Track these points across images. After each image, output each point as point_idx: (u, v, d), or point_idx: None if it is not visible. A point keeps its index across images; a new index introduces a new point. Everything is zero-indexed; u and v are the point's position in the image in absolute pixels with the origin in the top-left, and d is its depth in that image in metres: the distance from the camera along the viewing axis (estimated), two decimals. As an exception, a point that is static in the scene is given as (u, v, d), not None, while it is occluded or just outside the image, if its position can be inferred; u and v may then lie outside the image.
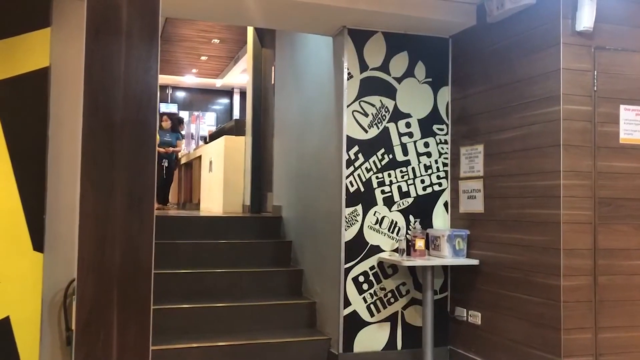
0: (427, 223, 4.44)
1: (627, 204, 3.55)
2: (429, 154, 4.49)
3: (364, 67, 4.37)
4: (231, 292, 4.84)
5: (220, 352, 4.15)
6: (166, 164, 8.72)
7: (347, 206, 4.28)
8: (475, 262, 4.15)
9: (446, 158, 4.54)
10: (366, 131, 4.35)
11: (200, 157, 9.15)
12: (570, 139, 3.46)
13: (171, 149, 8.79)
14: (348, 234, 4.28)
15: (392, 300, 4.37)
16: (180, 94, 14.86)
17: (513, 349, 3.77)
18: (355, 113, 4.33)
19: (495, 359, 3.93)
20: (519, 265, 3.75)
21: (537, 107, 3.64)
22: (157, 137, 8.45)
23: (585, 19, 3.44)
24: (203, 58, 11.73)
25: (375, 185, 4.35)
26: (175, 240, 5.15)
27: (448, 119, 4.55)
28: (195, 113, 14.80)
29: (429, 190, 4.48)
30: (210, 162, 8.25)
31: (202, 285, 4.80)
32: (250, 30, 7.68)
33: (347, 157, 4.29)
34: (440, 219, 4.49)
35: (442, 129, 4.54)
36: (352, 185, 4.30)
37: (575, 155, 3.47)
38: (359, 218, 4.30)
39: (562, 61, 3.47)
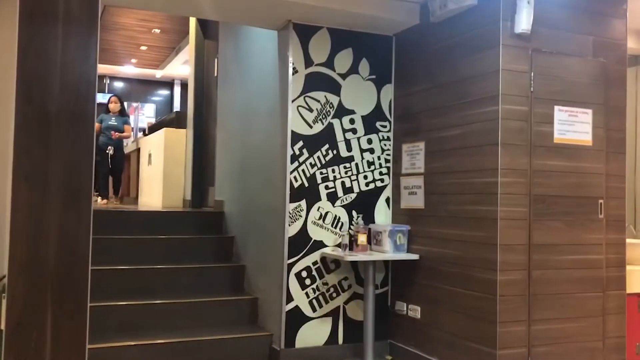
0: (369, 218, 4.49)
1: (560, 201, 3.70)
2: (372, 150, 4.53)
3: (309, 62, 4.36)
4: (170, 288, 4.73)
5: (159, 350, 4.06)
6: (112, 152, 7.72)
7: (291, 201, 4.26)
8: (415, 257, 4.22)
9: (388, 155, 4.60)
10: (311, 127, 4.35)
11: (139, 149, 8.90)
12: (507, 137, 3.58)
13: (117, 134, 7.78)
14: (292, 230, 4.27)
15: (334, 295, 4.39)
16: (119, 84, 14.41)
17: (451, 342, 3.87)
18: (300, 108, 4.32)
19: (434, 352, 4.02)
20: (458, 260, 3.84)
21: (477, 107, 3.74)
22: (101, 120, 7.76)
23: (524, 22, 3.56)
24: (143, 48, 11.40)
25: (319, 180, 4.35)
26: (112, 235, 4.98)
27: (391, 116, 4.61)
28: (134, 104, 14.38)
29: (372, 186, 4.53)
30: (150, 155, 8.04)
31: (141, 281, 4.68)
32: (192, 21, 7.52)
33: (292, 152, 4.28)
34: (382, 214, 4.55)
35: (385, 126, 4.59)
36: (297, 181, 4.29)
37: (512, 154, 3.58)
38: (303, 213, 4.30)
39: (502, 62, 3.58)
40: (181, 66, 12.20)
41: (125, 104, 11.87)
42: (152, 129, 9.05)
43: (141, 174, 8.60)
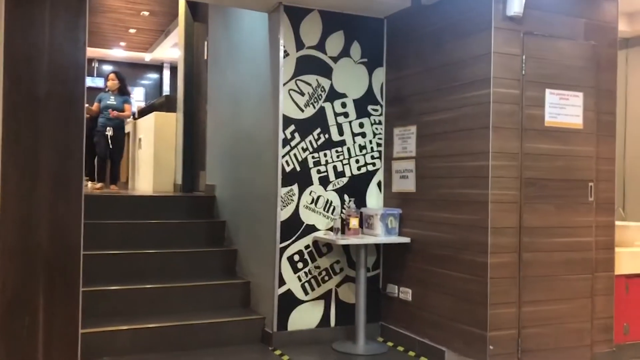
0: (361, 202, 4.49)
1: (550, 184, 3.72)
2: (363, 134, 4.53)
3: (300, 45, 4.32)
4: (163, 273, 4.73)
5: (152, 334, 4.06)
6: (110, 133, 7.15)
7: (283, 186, 4.26)
8: (406, 240, 4.24)
9: (380, 138, 4.59)
10: (302, 110, 4.33)
11: (128, 133, 8.84)
12: (499, 121, 3.58)
13: (115, 112, 7.18)
14: (284, 214, 4.27)
15: (326, 278, 4.41)
16: (107, 68, 14.24)
17: (442, 324, 3.90)
18: (291, 92, 4.29)
19: (425, 334, 4.06)
20: (449, 243, 3.87)
21: (469, 90, 3.73)
22: (100, 99, 7.28)
23: (516, 5, 3.54)
24: (131, 31, 11.27)
25: (311, 165, 4.35)
26: (103, 220, 4.97)
27: (382, 99, 4.60)
28: (123, 88, 14.23)
29: (364, 170, 4.53)
30: (140, 139, 7.98)
31: (133, 266, 4.67)
32: (182, 3, 7.43)
33: (283, 136, 4.26)
34: (374, 198, 4.56)
35: (376, 110, 4.58)
36: (288, 165, 4.28)
37: (503, 137, 3.59)
38: (295, 197, 4.30)
39: (493, 45, 3.56)
40: (170, 49, 12.09)
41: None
42: (142, 113, 8.97)
43: (131, 158, 8.55)
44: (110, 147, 7.20)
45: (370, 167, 4.55)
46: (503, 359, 3.56)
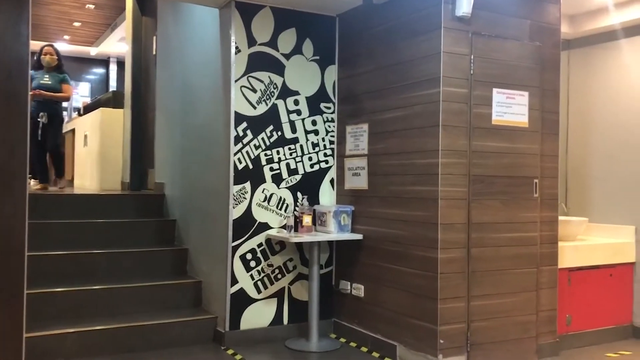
0: (314, 200, 4.50)
1: (497, 181, 3.83)
2: (316, 132, 4.54)
3: (252, 41, 4.29)
4: (111, 273, 4.61)
5: (100, 336, 3.96)
6: (44, 120, 5.96)
7: (235, 183, 4.22)
8: (359, 236, 4.28)
9: (333, 136, 4.61)
10: (255, 107, 4.30)
11: (73, 130, 8.56)
12: (448, 119, 3.65)
13: (42, 92, 5.99)
14: (236, 212, 4.23)
15: (279, 276, 4.40)
16: (50, 62, 13.77)
17: (394, 319, 3.96)
18: (243, 88, 4.26)
19: (377, 329, 4.11)
20: (400, 239, 3.92)
21: (419, 89, 3.79)
22: (31, 79, 6.30)
23: (464, 5, 3.62)
24: (76, 24, 10.93)
25: (264, 162, 4.32)
26: (48, 219, 4.80)
27: (335, 97, 4.62)
28: (68, 83, 13.77)
29: (316, 167, 4.54)
30: (85, 136, 7.75)
31: (79, 267, 4.54)
32: (129, -3, 7.25)
33: (235, 133, 4.22)
34: (327, 195, 4.57)
35: (329, 108, 4.60)
36: (241, 162, 4.24)
37: (452, 135, 3.66)
38: (247, 195, 4.27)
39: (443, 45, 3.63)
40: (117, 43, 11.79)
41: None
42: (88, 108, 8.71)
43: (77, 155, 8.29)
44: (45, 137, 6.08)
45: (323, 165, 4.57)
46: (453, 352, 3.65)
